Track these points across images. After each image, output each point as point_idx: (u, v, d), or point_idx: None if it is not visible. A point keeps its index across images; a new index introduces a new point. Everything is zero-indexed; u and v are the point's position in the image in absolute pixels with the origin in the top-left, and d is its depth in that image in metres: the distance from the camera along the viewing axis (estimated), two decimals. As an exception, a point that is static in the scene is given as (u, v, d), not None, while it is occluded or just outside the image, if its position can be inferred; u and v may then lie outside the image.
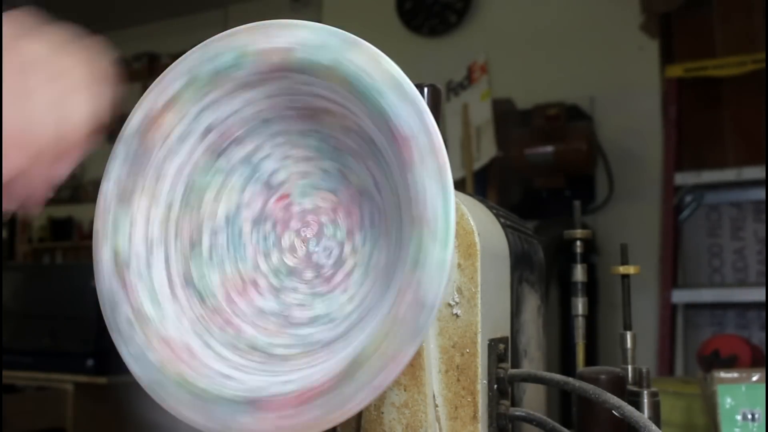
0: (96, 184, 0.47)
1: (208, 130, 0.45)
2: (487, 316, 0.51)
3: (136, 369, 0.42)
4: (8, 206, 0.41)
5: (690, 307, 2.29)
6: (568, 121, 2.41)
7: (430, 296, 0.37)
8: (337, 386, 0.38)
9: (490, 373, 0.50)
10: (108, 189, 0.44)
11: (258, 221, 0.48)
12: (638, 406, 0.59)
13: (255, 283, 0.47)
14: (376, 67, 0.39)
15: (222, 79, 0.43)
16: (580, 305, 0.66)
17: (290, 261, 0.48)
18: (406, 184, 0.39)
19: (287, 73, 0.42)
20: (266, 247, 0.48)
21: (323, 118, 0.45)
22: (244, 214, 0.48)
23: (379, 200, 0.45)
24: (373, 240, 0.46)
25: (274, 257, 0.48)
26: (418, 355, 0.48)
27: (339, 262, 0.47)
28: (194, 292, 0.45)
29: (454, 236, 0.38)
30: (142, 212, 0.44)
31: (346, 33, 0.40)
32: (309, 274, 0.47)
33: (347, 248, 0.47)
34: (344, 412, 0.37)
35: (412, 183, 0.38)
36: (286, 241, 0.48)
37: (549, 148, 2.39)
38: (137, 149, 0.44)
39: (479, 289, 0.49)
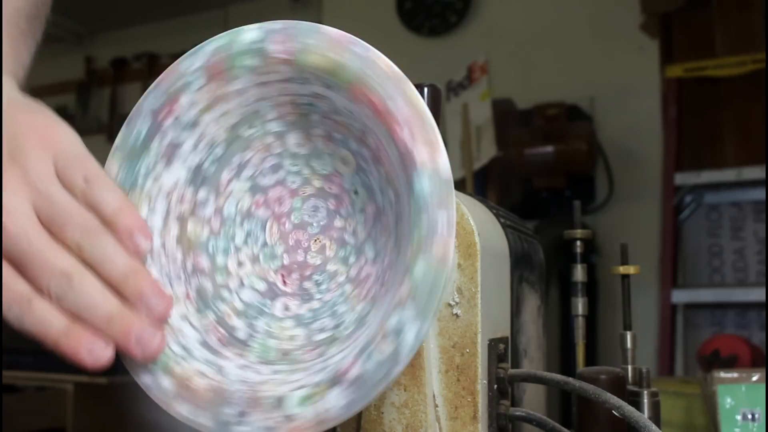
0: (96, 184, 0.46)
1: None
2: (487, 316, 0.51)
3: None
4: None
5: (690, 307, 2.29)
6: (568, 121, 2.41)
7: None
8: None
9: (490, 373, 0.50)
10: None
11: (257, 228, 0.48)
12: (638, 406, 0.59)
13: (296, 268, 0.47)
14: None
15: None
16: (580, 305, 0.66)
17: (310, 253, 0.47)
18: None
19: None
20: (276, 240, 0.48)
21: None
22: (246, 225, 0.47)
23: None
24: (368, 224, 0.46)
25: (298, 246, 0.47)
26: (418, 355, 0.48)
27: (329, 225, 0.47)
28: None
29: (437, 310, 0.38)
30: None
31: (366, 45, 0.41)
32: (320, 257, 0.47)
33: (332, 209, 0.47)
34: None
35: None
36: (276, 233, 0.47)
37: (549, 148, 2.38)
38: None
39: (479, 289, 0.49)
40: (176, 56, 0.46)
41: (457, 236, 0.49)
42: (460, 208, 0.49)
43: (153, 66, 3.57)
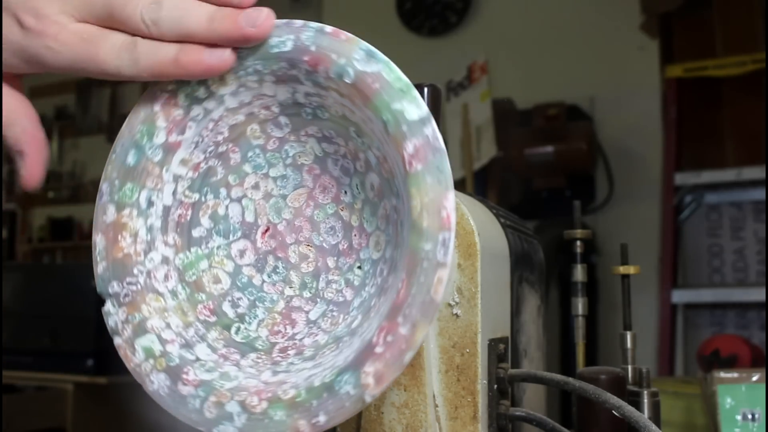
0: (96, 184, 0.47)
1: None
2: (487, 316, 0.51)
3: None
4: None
5: (690, 307, 2.30)
6: (568, 121, 2.41)
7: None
8: None
9: (490, 373, 0.50)
10: (106, 188, 0.44)
11: (259, 265, 0.47)
12: (638, 406, 0.59)
13: (295, 309, 0.47)
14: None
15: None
16: (580, 305, 0.66)
17: (308, 267, 0.47)
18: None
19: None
20: (282, 276, 0.47)
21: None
22: (245, 270, 0.47)
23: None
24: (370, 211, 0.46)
25: (295, 277, 0.47)
26: (418, 355, 0.48)
27: (348, 235, 0.47)
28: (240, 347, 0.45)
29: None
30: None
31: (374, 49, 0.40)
32: (331, 262, 0.47)
33: (346, 216, 0.47)
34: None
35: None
36: (294, 257, 0.47)
37: (549, 148, 2.39)
38: None
39: (479, 289, 0.49)
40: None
41: (457, 236, 0.49)
42: (460, 208, 0.49)
43: (153, 66, 3.56)
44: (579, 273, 0.65)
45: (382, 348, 0.38)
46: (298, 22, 0.42)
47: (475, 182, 2.46)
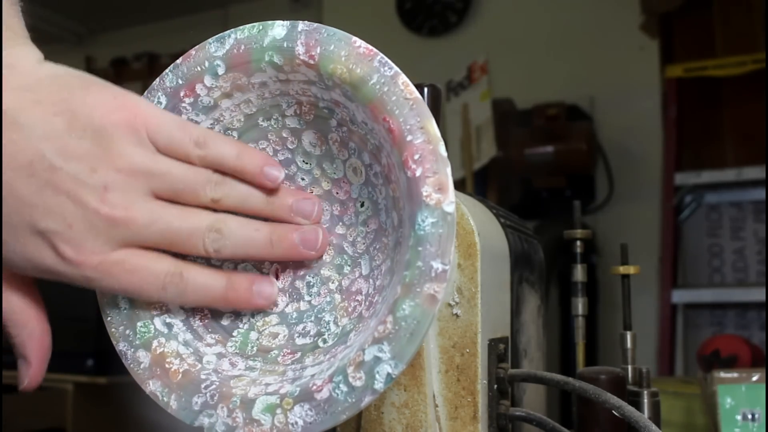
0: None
1: None
2: (487, 316, 0.51)
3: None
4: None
5: (690, 307, 2.29)
6: (568, 121, 2.41)
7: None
8: None
9: (490, 373, 0.50)
10: (124, 346, 0.44)
11: (295, 296, 0.47)
12: (638, 406, 0.59)
13: (350, 284, 0.46)
14: None
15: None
16: (580, 305, 0.66)
17: (330, 252, 0.47)
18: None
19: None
20: (318, 281, 0.46)
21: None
22: (288, 309, 0.46)
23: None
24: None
25: (327, 271, 0.46)
26: (418, 355, 0.48)
27: (331, 199, 0.46)
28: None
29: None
30: None
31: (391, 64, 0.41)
32: (341, 229, 0.46)
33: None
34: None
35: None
36: (313, 262, 0.46)
37: (549, 148, 2.38)
38: None
39: (479, 289, 0.49)
40: (176, 56, 0.46)
41: (457, 236, 0.49)
42: (460, 208, 0.49)
43: (153, 66, 3.57)
44: (579, 273, 0.65)
45: (419, 167, 0.38)
46: (156, 80, 0.44)
47: (475, 182, 2.46)
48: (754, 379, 0.87)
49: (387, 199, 0.44)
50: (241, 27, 0.43)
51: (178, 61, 0.44)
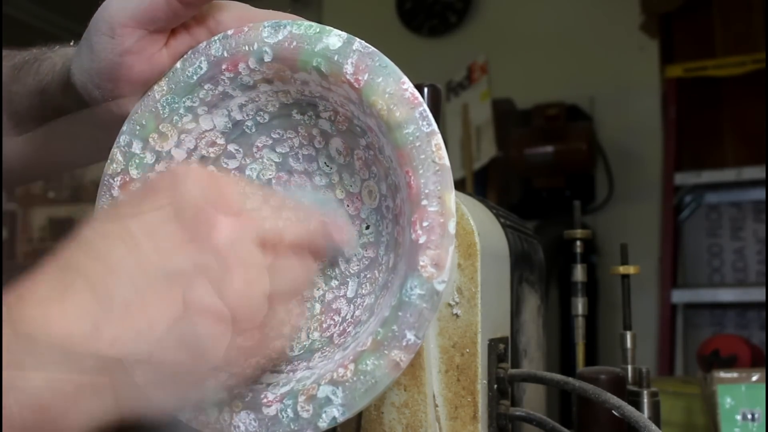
0: (96, 184, 0.47)
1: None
2: (487, 316, 0.51)
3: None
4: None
5: (690, 307, 2.29)
6: (568, 121, 2.41)
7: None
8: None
9: (490, 373, 0.50)
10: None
11: None
12: (638, 406, 0.59)
13: (332, 300, 0.46)
14: None
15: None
16: (580, 305, 0.66)
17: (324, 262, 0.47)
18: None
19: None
20: None
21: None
22: None
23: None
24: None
25: (317, 278, 0.46)
26: (419, 355, 0.48)
27: (341, 210, 0.46)
28: None
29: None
30: None
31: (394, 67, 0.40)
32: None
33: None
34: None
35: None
36: None
37: (549, 148, 2.38)
38: None
39: (479, 289, 0.49)
40: (176, 56, 0.46)
41: (457, 236, 0.49)
42: (460, 208, 0.49)
43: (153, 66, 3.56)
44: (579, 273, 0.65)
45: (424, 235, 0.37)
46: (202, 43, 0.44)
47: (475, 182, 2.46)
48: (754, 379, 0.87)
49: (390, 237, 0.43)
50: (299, 21, 0.42)
51: (229, 32, 0.44)
